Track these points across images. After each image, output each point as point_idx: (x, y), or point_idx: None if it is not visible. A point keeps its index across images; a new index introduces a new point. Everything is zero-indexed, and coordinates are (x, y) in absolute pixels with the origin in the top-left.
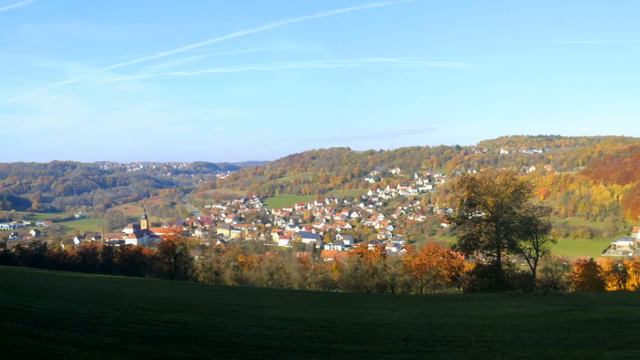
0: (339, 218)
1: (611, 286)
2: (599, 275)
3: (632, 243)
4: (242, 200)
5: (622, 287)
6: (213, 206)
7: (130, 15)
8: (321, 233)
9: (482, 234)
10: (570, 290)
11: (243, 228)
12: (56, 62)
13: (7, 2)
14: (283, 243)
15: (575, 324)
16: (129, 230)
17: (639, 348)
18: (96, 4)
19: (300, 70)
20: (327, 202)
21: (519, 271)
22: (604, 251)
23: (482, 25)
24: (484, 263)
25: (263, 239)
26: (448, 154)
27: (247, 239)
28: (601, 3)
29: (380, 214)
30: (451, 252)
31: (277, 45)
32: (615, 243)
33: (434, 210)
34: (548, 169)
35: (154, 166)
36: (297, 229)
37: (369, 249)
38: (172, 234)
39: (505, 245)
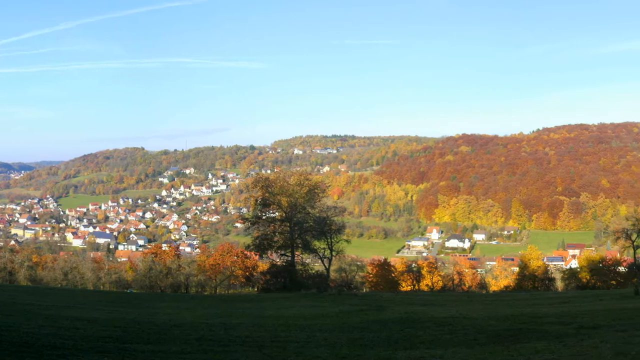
0: (133, 218)
1: (405, 286)
2: (393, 275)
3: (426, 243)
4: (36, 201)
5: (416, 287)
6: (7, 206)
7: None
8: (115, 233)
9: (277, 234)
10: (364, 290)
11: (37, 228)
12: None
13: None
14: (77, 243)
15: (370, 323)
16: None
17: (432, 348)
18: None
19: (96, 70)
20: (122, 202)
21: (313, 271)
22: (398, 251)
23: (275, 26)
24: (278, 263)
25: (57, 239)
26: (242, 154)
27: (41, 239)
28: (392, 5)
29: (175, 214)
30: (245, 252)
31: (72, 46)
32: (409, 243)
33: (228, 210)
34: (342, 169)
35: None
36: (91, 229)
37: (163, 249)
38: None
39: (300, 245)
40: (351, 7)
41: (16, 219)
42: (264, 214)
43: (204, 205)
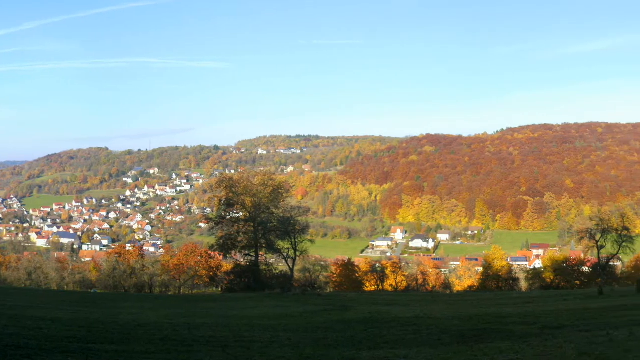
0: (97, 218)
1: (369, 286)
2: (357, 275)
3: (390, 243)
4: (0, 200)
5: (380, 287)
6: None
7: None
8: (79, 233)
9: (241, 233)
10: (328, 290)
11: (1, 228)
12: None
13: None
14: (41, 243)
15: (334, 323)
16: None
17: (396, 348)
18: None
19: (60, 70)
20: (85, 202)
21: (278, 271)
22: (362, 251)
23: (240, 26)
24: (242, 263)
25: (21, 239)
26: (206, 154)
27: (5, 239)
28: (358, 4)
29: (139, 214)
30: (209, 252)
31: (36, 45)
32: (373, 243)
33: (192, 211)
34: (306, 169)
35: None
36: (55, 229)
37: (127, 249)
38: None
39: (264, 245)
40: (320, 7)
41: None
42: (228, 214)
43: (168, 206)
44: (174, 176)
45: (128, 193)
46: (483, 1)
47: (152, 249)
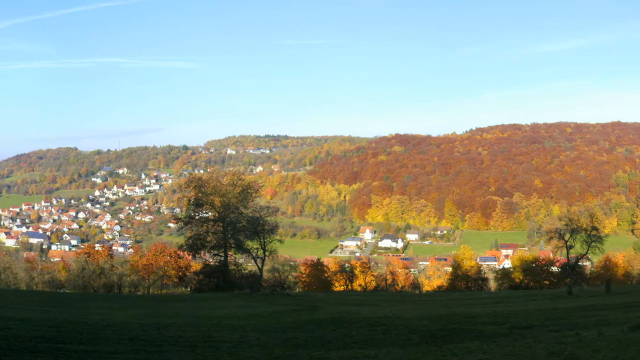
0: (67, 218)
1: (338, 286)
2: (326, 275)
3: (359, 243)
4: None
5: (349, 287)
6: None
7: None
8: (48, 233)
9: (210, 234)
10: (297, 290)
11: None
12: None
13: None
14: (10, 243)
15: (303, 323)
16: None
17: (365, 348)
18: None
19: (29, 70)
20: (55, 202)
21: (247, 271)
22: (331, 251)
23: (209, 25)
24: (211, 263)
25: None
26: (175, 154)
27: None
28: (326, 4)
29: (108, 214)
30: (178, 252)
31: (5, 45)
32: (342, 243)
33: (161, 210)
34: (275, 169)
35: None
36: (24, 229)
37: (96, 249)
38: None
39: (233, 245)
40: (289, 7)
41: None
42: (197, 214)
43: (137, 206)
44: (143, 176)
45: (97, 193)
46: (450, 2)
47: (121, 249)
